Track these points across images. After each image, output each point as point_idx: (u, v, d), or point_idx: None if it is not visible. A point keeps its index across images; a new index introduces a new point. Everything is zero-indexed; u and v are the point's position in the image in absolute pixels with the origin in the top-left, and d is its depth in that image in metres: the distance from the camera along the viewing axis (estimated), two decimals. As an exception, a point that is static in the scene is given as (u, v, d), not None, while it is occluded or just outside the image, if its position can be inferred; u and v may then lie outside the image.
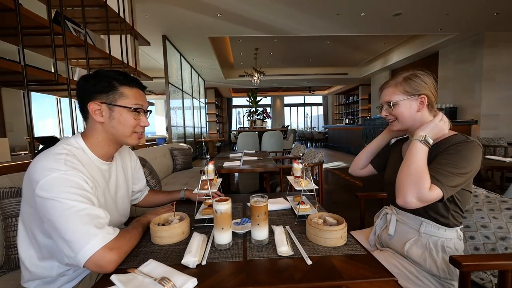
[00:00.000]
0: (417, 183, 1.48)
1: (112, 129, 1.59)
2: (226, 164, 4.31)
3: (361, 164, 2.32)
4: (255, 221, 1.49)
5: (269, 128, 12.98)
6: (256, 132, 9.78)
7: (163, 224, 1.68)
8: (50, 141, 2.95)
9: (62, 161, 1.37)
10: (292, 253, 1.39)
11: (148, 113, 1.75)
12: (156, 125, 24.11)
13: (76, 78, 3.72)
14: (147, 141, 7.02)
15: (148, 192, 2.32)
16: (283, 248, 1.42)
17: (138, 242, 1.53)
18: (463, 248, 1.71)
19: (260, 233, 1.49)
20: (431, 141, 1.60)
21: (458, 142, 1.57)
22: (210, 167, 2.06)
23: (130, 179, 2.02)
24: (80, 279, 1.64)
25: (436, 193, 1.47)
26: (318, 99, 29.11)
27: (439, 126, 1.66)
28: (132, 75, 1.67)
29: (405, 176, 1.55)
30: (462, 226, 1.73)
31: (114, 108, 1.56)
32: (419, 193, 1.47)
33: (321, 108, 29.18)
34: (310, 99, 29.19)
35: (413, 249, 1.71)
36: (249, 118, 11.76)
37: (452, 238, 1.66)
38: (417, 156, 1.56)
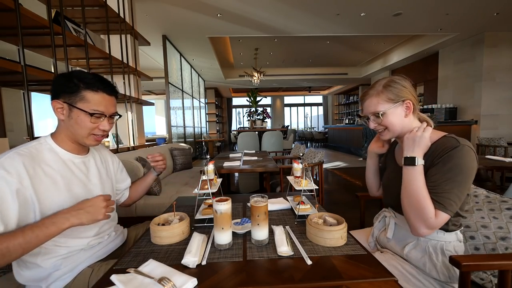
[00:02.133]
0: (421, 215, 1.49)
1: (71, 127, 1.63)
2: (226, 164, 4.31)
3: (375, 185, 2.22)
4: (255, 221, 1.49)
5: (269, 128, 12.98)
6: (256, 132, 9.76)
7: (163, 224, 1.69)
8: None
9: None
10: (292, 253, 1.39)
11: (116, 117, 1.79)
12: (156, 125, 24.12)
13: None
14: (147, 141, 6.99)
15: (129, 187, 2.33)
16: (283, 248, 1.42)
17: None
18: (463, 250, 1.70)
19: (260, 233, 1.50)
20: (422, 162, 1.59)
21: (450, 148, 1.53)
22: (210, 167, 2.06)
23: (113, 177, 2.07)
24: (74, 276, 1.65)
25: (443, 218, 1.48)
26: (318, 99, 29.10)
27: (425, 138, 1.61)
28: (104, 79, 1.70)
29: (408, 208, 1.56)
30: (462, 228, 1.72)
31: (73, 109, 1.59)
32: (427, 224, 1.48)
33: (321, 108, 29.16)
34: (310, 99, 29.19)
35: (412, 252, 1.70)
36: (249, 118, 11.75)
37: (451, 241, 1.65)
38: (414, 184, 1.55)
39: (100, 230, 1.80)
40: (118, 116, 1.80)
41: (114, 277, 1.17)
